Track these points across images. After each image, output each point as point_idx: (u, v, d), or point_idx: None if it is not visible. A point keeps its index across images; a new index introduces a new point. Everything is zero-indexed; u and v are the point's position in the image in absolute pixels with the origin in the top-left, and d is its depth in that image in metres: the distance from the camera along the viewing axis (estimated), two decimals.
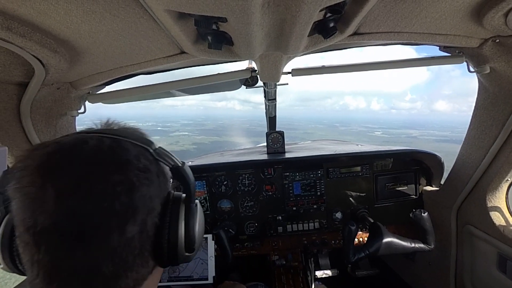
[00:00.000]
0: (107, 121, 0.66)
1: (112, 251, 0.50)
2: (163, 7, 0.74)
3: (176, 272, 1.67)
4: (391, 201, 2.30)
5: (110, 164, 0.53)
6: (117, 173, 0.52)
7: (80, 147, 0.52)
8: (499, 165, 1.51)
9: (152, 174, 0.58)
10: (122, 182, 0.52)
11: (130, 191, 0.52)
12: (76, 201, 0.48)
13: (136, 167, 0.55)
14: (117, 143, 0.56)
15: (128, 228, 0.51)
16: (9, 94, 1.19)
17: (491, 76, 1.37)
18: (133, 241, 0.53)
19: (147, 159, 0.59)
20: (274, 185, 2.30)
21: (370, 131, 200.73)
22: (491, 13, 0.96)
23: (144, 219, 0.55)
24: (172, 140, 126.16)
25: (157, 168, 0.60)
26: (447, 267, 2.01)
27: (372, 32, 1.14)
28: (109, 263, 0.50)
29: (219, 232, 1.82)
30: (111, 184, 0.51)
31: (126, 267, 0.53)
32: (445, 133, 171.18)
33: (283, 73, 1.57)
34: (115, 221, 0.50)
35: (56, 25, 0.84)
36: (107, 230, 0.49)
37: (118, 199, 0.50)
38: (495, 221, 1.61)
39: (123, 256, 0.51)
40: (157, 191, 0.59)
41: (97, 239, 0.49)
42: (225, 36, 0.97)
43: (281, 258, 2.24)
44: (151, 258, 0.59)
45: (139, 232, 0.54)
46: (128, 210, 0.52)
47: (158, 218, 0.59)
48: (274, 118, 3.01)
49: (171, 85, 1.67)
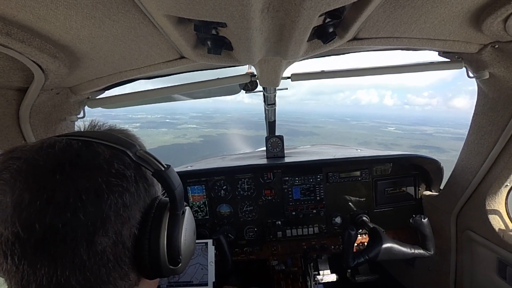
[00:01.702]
0: (90, 123, 0.63)
1: (80, 264, 0.47)
2: (163, 12, 0.74)
3: (175, 278, 1.66)
4: (390, 206, 2.30)
5: (76, 169, 0.49)
6: (83, 179, 0.48)
7: (45, 151, 0.49)
8: (499, 170, 1.51)
9: (127, 180, 0.54)
10: (87, 189, 0.48)
11: (98, 199, 0.48)
12: (35, 211, 0.44)
13: (107, 172, 0.51)
14: (87, 146, 0.53)
15: (97, 240, 0.48)
16: (8, 99, 1.19)
17: (490, 82, 1.37)
18: (105, 254, 0.49)
19: (123, 163, 0.54)
20: (273, 190, 2.30)
21: (382, 126, 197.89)
22: (490, 19, 0.96)
23: (118, 229, 0.51)
24: (180, 132, 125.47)
25: (135, 173, 0.56)
26: (447, 272, 2.00)
27: (371, 37, 1.14)
28: (79, 277, 0.47)
29: (219, 237, 1.82)
30: (76, 192, 0.47)
31: (99, 281, 0.49)
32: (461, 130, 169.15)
33: (283, 78, 1.58)
34: (81, 232, 0.46)
35: (56, 31, 0.84)
36: (72, 242, 0.46)
37: (83, 209, 0.46)
38: (494, 227, 1.61)
39: (93, 269, 0.48)
40: (134, 199, 0.55)
41: (62, 252, 0.46)
42: (225, 41, 0.97)
43: (281, 263, 2.23)
44: (132, 271, 0.55)
45: (112, 244, 0.50)
46: (96, 220, 0.48)
47: (136, 229, 0.55)
48: (274, 122, 3.01)
49: (170, 90, 1.67)
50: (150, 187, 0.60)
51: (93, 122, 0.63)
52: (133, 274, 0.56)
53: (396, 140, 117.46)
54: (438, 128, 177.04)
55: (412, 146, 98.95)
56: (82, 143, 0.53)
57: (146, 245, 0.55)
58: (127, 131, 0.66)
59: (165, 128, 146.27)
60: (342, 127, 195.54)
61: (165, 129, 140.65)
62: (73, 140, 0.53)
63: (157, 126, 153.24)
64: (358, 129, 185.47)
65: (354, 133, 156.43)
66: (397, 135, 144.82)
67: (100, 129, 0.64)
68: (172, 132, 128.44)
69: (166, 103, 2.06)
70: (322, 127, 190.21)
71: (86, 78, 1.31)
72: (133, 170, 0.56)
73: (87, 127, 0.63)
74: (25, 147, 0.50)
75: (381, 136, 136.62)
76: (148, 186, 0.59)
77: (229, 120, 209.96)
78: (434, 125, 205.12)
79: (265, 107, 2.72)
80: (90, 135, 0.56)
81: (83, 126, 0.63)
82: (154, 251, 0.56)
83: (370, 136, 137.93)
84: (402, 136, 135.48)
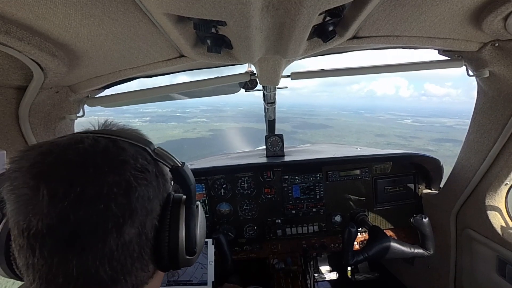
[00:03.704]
0: (104, 122, 0.64)
1: (110, 254, 0.48)
2: (162, 10, 0.74)
3: (175, 276, 1.66)
4: (390, 204, 2.30)
5: (106, 164, 0.51)
6: (113, 173, 0.50)
7: (75, 147, 0.51)
8: (498, 169, 1.51)
9: (150, 175, 0.56)
10: (118, 183, 0.50)
11: (127, 192, 0.51)
12: (69, 203, 0.46)
13: (133, 167, 0.53)
14: (113, 143, 0.55)
15: (125, 231, 0.50)
16: (7, 98, 1.19)
17: (490, 80, 1.37)
18: (131, 244, 0.51)
19: (145, 159, 0.57)
20: (273, 188, 2.30)
21: (399, 119, 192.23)
22: (490, 17, 0.96)
23: (143, 221, 0.53)
24: (189, 126, 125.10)
25: (155, 168, 0.59)
26: (447, 271, 2.00)
27: (371, 36, 1.14)
28: (107, 267, 0.48)
29: (219, 236, 1.82)
30: (107, 185, 0.49)
31: (124, 271, 0.51)
32: None
33: (283, 77, 1.57)
34: (112, 223, 0.48)
35: (55, 29, 0.84)
36: (103, 233, 0.48)
37: (114, 201, 0.49)
38: (494, 225, 1.61)
39: (121, 259, 0.50)
40: (156, 192, 0.57)
41: (93, 243, 0.47)
42: (224, 39, 0.97)
43: (280, 261, 2.23)
44: (151, 262, 0.57)
45: (137, 234, 0.52)
46: (126, 212, 0.50)
47: (157, 220, 0.58)
48: (273, 121, 3.02)
49: (170, 88, 1.67)
50: (166, 182, 0.63)
51: (107, 121, 0.65)
52: (152, 265, 0.58)
53: (415, 133, 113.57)
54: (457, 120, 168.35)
55: (433, 139, 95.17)
56: (109, 140, 0.55)
57: (166, 236, 0.59)
58: (138, 131, 0.67)
59: (174, 122, 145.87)
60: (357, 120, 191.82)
61: (175, 123, 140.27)
62: (100, 137, 0.55)
63: (166, 120, 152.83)
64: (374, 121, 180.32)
65: (369, 125, 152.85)
66: (415, 127, 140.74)
67: (113, 127, 0.66)
68: (182, 126, 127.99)
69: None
70: (335, 119, 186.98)
71: (86, 76, 1.31)
72: (153, 166, 0.59)
73: (101, 125, 0.64)
74: (52, 143, 0.51)
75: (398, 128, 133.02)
76: (164, 182, 0.62)
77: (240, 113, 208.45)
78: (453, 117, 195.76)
79: (265, 106, 2.73)
80: (114, 134, 0.58)
81: (96, 123, 0.64)
82: (174, 242, 0.60)
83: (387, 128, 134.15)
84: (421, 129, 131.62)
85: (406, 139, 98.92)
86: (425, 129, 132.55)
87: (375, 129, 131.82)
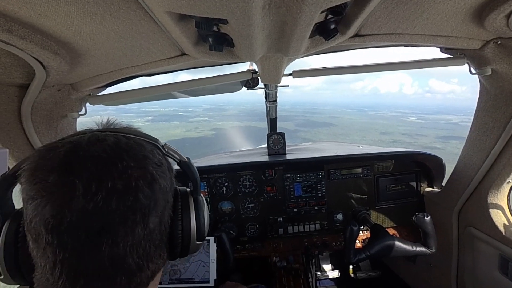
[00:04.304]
0: (107, 121, 0.66)
1: (137, 243, 0.52)
2: (164, 9, 0.74)
3: (177, 274, 1.66)
4: (392, 202, 2.30)
5: (131, 159, 0.54)
6: (138, 167, 0.54)
7: (100, 144, 0.53)
8: (501, 167, 1.51)
9: (165, 168, 0.61)
10: (143, 175, 0.53)
11: (151, 183, 0.54)
12: (102, 197, 0.48)
13: (153, 161, 0.57)
14: (132, 140, 0.58)
15: (150, 220, 0.54)
16: (10, 96, 1.19)
17: (493, 78, 1.36)
18: (155, 232, 0.56)
19: (160, 154, 0.62)
20: (275, 187, 2.30)
21: (403, 116, 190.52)
22: (493, 15, 0.95)
23: (163, 211, 0.58)
24: (191, 126, 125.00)
25: (167, 163, 0.64)
26: (449, 269, 2.00)
27: (373, 34, 1.13)
28: (135, 255, 0.52)
29: (221, 235, 1.82)
30: (134, 178, 0.52)
31: (148, 258, 0.55)
32: None
33: (284, 75, 1.57)
34: (140, 214, 0.52)
35: (57, 27, 0.84)
36: (132, 223, 0.51)
37: (142, 193, 0.52)
38: (496, 223, 1.61)
39: (146, 248, 0.54)
40: (169, 184, 0.61)
41: (123, 233, 0.50)
42: (226, 38, 0.96)
43: (282, 259, 2.23)
44: (165, 250, 0.62)
45: (159, 223, 0.57)
46: (151, 202, 0.54)
47: (172, 210, 0.63)
48: (275, 119, 3.02)
49: (172, 86, 1.67)
50: (173, 176, 0.66)
51: (110, 120, 0.67)
52: (165, 253, 0.63)
53: (420, 130, 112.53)
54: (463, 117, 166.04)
55: (439, 136, 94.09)
56: (127, 138, 0.58)
57: (179, 224, 0.65)
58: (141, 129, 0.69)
59: (177, 121, 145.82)
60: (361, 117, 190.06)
61: (177, 122, 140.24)
62: (120, 135, 0.58)
63: (169, 119, 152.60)
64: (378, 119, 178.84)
65: (374, 123, 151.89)
66: (420, 125, 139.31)
67: (116, 126, 0.67)
68: (184, 125, 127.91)
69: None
70: (339, 117, 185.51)
71: (88, 75, 1.31)
72: (166, 160, 0.64)
73: (104, 124, 0.65)
74: (72, 142, 0.53)
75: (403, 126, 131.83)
76: (172, 175, 0.65)
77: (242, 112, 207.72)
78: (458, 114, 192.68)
79: (267, 104, 2.72)
80: (129, 132, 0.61)
81: (100, 122, 0.65)
82: (187, 229, 0.66)
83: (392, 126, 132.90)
84: (426, 126, 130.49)
85: (412, 136, 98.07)
86: (430, 126, 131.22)
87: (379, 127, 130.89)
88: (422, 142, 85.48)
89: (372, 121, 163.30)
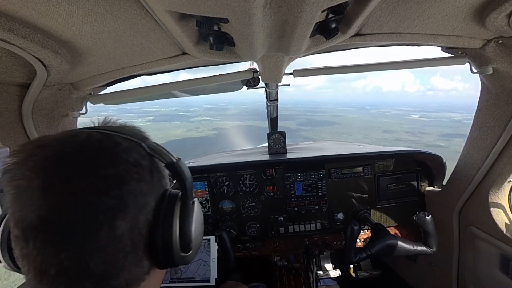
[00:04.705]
0: (104, 119, 0.65)
1: (101, 248, 0.49)
2: (165, 8, 0.74)
3: (178, 274, 1.67)
4: (392, 202, 2.30)
5: (99, 157, 0.52)
6: (107, 166, 0.51)
7: (70, 140, 0.52)
8: (502, 166, 1.51)
9: (143, 169, 0.56)
10: (111, 175, 0.51)
11: (120, 185, 0.51)
12: (62, 195, 0.47)
13: (127, 161, 0.54)
14: (107, 137, 0.55)
15: (117, 224, 0.50)
16: (11, 95, 1.19)
17: (494, 77, 1.36)
18: (123, 238, 0.51)
19: (139, 154, 0.57)
20: (275, 186, 2.30)
21: (405, 114, 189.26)
22: (494, 14, 0.95)
23: (136, 215, 0.53)
24: (192, 125, 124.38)
25: (150, 164, 0.59)
26: (449, 268, 2.00)
27: (374, 33, 1.13)
28: (98, 261, 0.49)
29: (222, 234, 1.82)
30: (100, 178, 0.49)
31: (117, 266, 0.51)
32: None
33: (285, 74, 1.57)
34: (103, 216, 0.48)
35: (58, 27, 0.84)
36: (94, 226, 0.48)
37: (106, 194, 0.49)
38: (497, 222, 1.61)
39: (112, 254, 0.50)
40: (150, 187, 0.57)
41: (84, 236, 0.47)
42: (227, 37, 0.96)
43: (283, 259, 2.23)
44: (146, 258, 0.57)
45: (129, 229, 0.52)
46: (117, 205, 0.50)
47: (151, 216, 0.57)
48: (276, 118, 3.02)
49: (172, 86, 1.67)
50: (161, 178, 0.62)
51: (107, 118, 0.66)
52: (146, 261, 0.57)
53: (423, 128, 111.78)
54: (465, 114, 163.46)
55: (443, 134, 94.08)
56: (102, 135, 0.55)
57: (160, 231, 0.58)
58: (139, 128, 0.67)
59: (178, 121, 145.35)
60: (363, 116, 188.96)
61: (178, 122, 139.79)
62: (94, 131, 0.56)
63: (170, 119, 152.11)
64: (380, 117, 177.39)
65: (376, 121, 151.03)
66: (423, 123, 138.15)
67: (113, 125, 0.66)
68: (185, 125, 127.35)
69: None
70: (341, 116, 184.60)
71: (88, 74, 1.31)
72: (148, 161, 0.59)
73: (101, 123, 0.65)
74: (48, 137, 0.52)
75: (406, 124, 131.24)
76: (160, 177, 0.62)
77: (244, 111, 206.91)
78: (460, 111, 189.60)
79: (267, 103, 2.72)
80: (108, 129, 0.58)
81: (97, 121, 0.65)
82: (168, 237, 0.59)
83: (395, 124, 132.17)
84: (429, 124, 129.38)
85: (415, 134, 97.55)
86: (433, 124, 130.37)
87: (382, 125, 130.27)
88: (426, 140, 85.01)
89: (374, 120, 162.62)
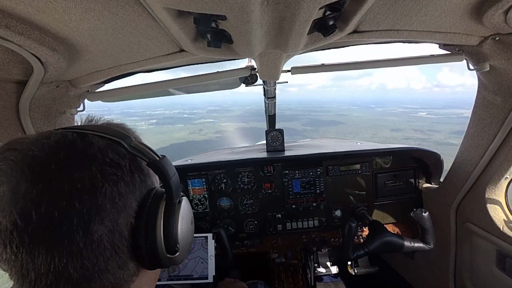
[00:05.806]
0: (87, 117, 0.64)
1: (78, 252, 0.47)
2: (162, 5, 0.74)
3: (176, 271, 1.67)
4: (390, 199, 2.30)
5: (69, 159, 0.50)
6: (76, 169, 0.49)
7: (41, 142, 0.50)
8: (499, 163, 1.52)
9: (122, 169, 0.54)
10: (83, 178, 0.49)
11: (93, 188, 0.49)
12: (31, 200, 0.45)
13: (101, 161, 0.52)
14: (81, 137, 0.53)
15: (93, 228, 0.48)
16: (7, 92, 1.19)
17: (491, 74, 1.36)
18: (102, 242, 0.50)
19: (117, 153, 0.55)
20: (273, 183, 2.31)
21: (413, 112, 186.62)
22: (491, 10, 0.95)
23: (114, 218, 0.52)
24: (195, 128, 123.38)
25: (130, 163, 0.57)
26: (447, 264, 2.01)
27: (371, 30, 1.13)
28: (76, 265, 0.48)
29: (220, 231, 1.82)
30: (70, 181, 0.48)
31: (97, 269, 0.50)
32: None
33: (283, 71, 1.57)
34: (77, 220, 0.47)
35: (55, 23, 0.84)
36: (68, 231, 0.46)
37: (78, 198, 0.47)
38: (494, 219, 1.62)
39: (91, 258, 0.49)
40: (130, 188, 0.55)
41: (59, 240, 0.46)
42: (225, 34, 0.96)
43: (281, 256, 2.24)
44: (131, 260, 0.56)
45: (108, 232, 0.51)
46: (92, 208, 0.48)
47: (133, 217, 0.56)
48: (274, 116, 3.02)
49: (170, 83, 1.67)
50: (146, 177, 0.60)
51: (90, 116, 0.64)
52: (132, 263, 0.57)
53: (432, 126, 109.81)
54: None
55: (453, 132, 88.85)
56: (77, 135, 0.54)
57: (142, 233, 0.56)
58: (123, 125, 0.66)
59: (181, 123, 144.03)
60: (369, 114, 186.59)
61: (181, 125, 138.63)
62: (69, 132, 0.54)
63: (173, 122, 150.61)
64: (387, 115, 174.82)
65: (383, 120, 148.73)
66: (432, 120, 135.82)
67: (97, 123, 0.65)
68: (188, 127, 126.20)
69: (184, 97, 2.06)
70: (346, 115, 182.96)
71: (86, 71, 1.31)
72: (128, 160, 0.56)
73: (84, 121, 0.64)
74: (22, 140, 0.51)
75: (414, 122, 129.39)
76: (144, 177, 0.60)
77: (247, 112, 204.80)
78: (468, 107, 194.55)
79: (265, 101, 2.72)
80: (85, 128, 0.57)
81: (80, 121, 0.64)
82: (151, 239, 0.57)
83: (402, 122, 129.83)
84: (438, 121, 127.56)
85: (424, 132, 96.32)
86: (442, 121, 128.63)
87: (389, 124, 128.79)
88: (436, 138, 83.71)
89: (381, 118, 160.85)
